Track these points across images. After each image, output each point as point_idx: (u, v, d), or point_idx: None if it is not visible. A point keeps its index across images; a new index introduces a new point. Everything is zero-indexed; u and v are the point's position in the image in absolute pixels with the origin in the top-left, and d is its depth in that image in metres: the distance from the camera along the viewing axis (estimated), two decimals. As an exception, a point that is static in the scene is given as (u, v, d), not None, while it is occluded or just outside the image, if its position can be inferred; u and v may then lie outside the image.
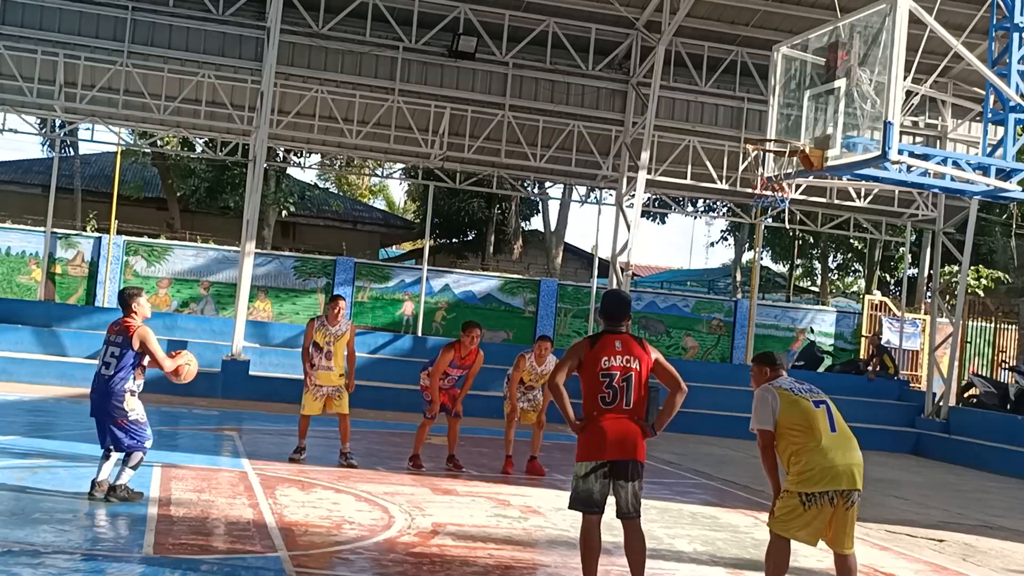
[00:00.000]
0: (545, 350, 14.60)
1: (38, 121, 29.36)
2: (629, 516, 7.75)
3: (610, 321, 8.03)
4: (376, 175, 35.39)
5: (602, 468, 7.67)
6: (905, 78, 12.42)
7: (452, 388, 14.44)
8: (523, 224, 47.55)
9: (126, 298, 10.69)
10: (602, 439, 7.66)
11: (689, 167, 25.54)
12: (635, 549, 7.79)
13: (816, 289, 49.69)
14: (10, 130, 27.52)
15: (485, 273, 34.09)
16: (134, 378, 10.40)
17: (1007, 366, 28.37)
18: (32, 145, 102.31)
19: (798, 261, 47.92)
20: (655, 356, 7.93)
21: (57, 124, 29.28)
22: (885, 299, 34.34)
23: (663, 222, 50.05)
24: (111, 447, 10.39)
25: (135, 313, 10.56)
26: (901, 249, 31.87)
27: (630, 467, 7.68)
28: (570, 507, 7.88)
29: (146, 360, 10.48)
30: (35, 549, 8.08)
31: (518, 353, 14.85)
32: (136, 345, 10.33)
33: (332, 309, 13.89)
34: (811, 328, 32.74)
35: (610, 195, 28.15)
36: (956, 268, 30.55)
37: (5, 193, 40.12)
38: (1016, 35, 13.61)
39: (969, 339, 29.47)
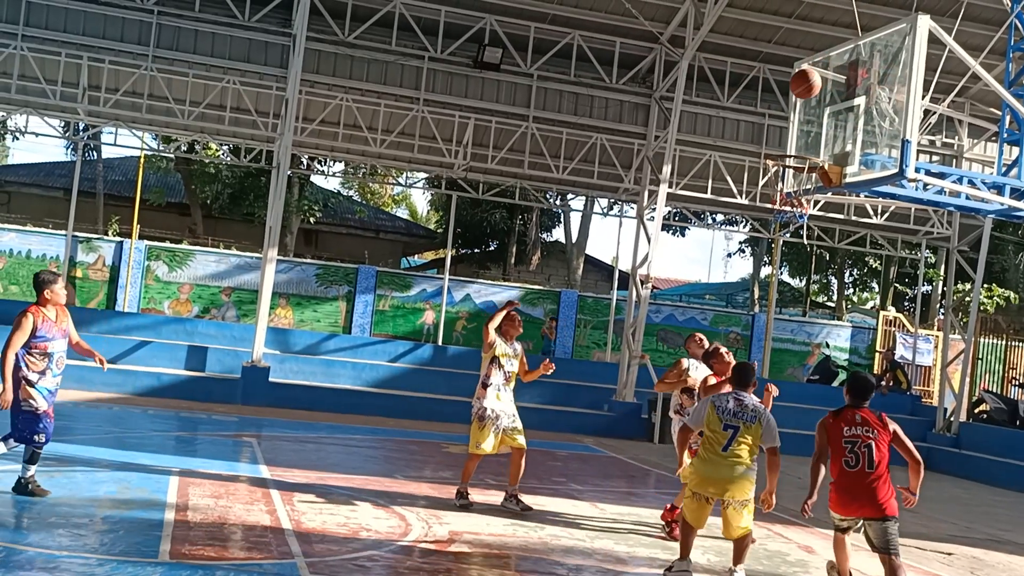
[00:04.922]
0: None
1: (61, 124, 29.54)
2: (882, 552, 8.81)
3: (855, 398, 9.08)
4: (399, 184, 35.42)
5: (848, 521, 8.98)
6: (923, 97, 12.45)
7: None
8: (544, 235, 47.61)
9: (39, 283, 10.07)
10: (849, 499, 8.87)
11: (710, 181, 25.64)
12: None
13: (832, 304, 49.62)
14: (32, 132, 27.74)
15: (506, 283, 34.18)
16: (28, 366, 9.92)
17: (1017, 383, 28.39)
18: (55, 148, 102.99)
19: (815, 276, 47.88)
20: (893, 428, 8.97)
21: (80, 127, 29.42)
22: (899, 315, 34.34)
23: (683, 235, 50.13)
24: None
25: (48, 300, 10.02)
26: (918, 266, 31.82)
27: (877, 524, 8.79)
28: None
29: (41, 344, 9.92)
30: (51, 553, 8.16)
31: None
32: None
33: (514, 321, 11.92)
34: (826, 343, 32.72)
35: (631, 208, 28.20)
36: (969, 286, 30.54)
37: (27, 196, 40.31)
38: (1033, 56, 13.70)
39: (981, 356, 29.45)
